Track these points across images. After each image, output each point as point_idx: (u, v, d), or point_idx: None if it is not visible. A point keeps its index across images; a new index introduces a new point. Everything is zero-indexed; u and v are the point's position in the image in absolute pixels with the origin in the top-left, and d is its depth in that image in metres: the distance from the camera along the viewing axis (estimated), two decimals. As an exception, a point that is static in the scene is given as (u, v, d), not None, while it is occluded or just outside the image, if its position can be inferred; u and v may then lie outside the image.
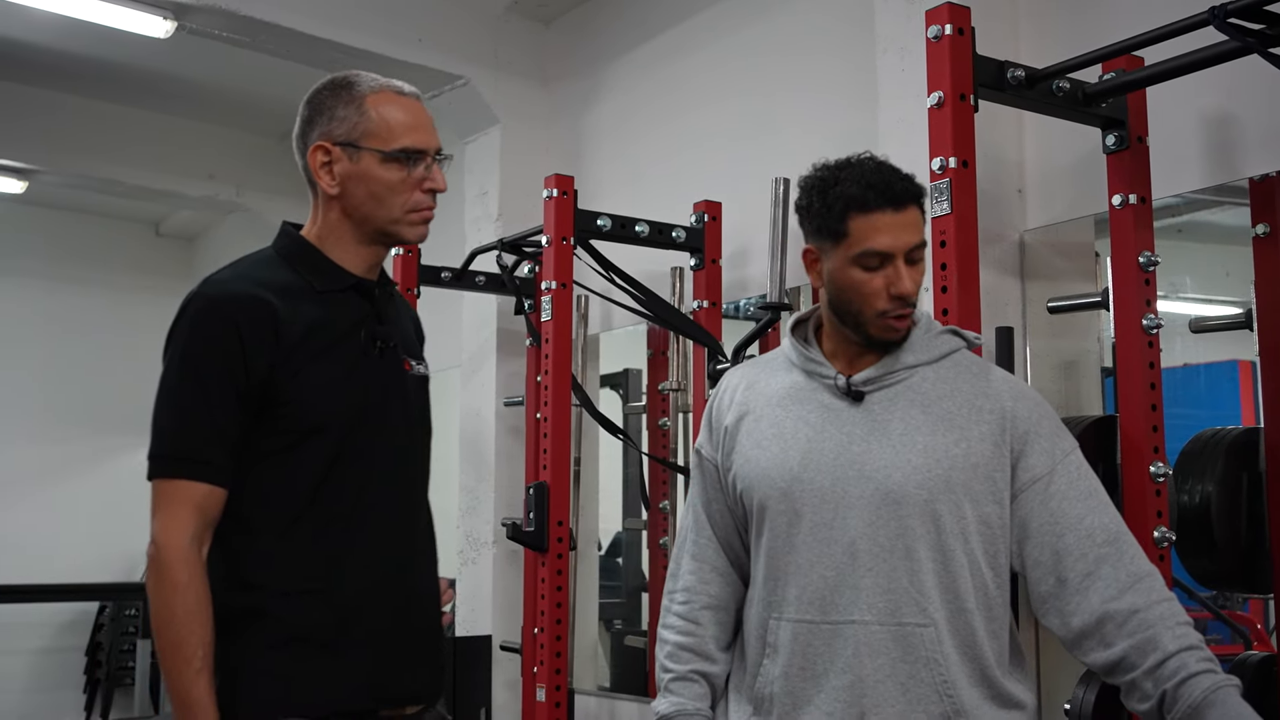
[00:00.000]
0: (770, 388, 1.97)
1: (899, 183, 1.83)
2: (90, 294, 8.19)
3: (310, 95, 1.93)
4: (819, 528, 1.83)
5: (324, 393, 1.81)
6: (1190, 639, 1.74)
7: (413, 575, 1.92)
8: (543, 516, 3.51)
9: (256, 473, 1.79)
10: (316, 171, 1.88)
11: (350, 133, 1.86)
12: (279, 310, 1.79)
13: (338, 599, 1.80)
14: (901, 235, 1.82)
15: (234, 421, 1.77)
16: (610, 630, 4.90)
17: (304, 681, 1.76)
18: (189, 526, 1.74)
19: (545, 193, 3.63)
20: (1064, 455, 1.87)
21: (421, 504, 1.97)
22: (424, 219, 1.92)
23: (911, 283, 1.83)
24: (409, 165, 1.87)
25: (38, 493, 7.81)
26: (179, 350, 1.80)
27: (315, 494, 1.80)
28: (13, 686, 7.67)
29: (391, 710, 1.84)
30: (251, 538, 1.79)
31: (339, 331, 1.86)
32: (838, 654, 1.79)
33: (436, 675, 1.95)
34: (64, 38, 5.38)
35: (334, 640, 1.78)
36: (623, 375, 4.94)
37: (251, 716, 1.74)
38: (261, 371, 1.77)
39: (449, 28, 4.79)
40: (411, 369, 1.97)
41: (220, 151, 6.63)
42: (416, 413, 1.97)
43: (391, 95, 1.90)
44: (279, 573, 1.79)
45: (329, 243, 1.90)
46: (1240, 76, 2.52)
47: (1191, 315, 3.25)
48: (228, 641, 1.75)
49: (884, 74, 3.23)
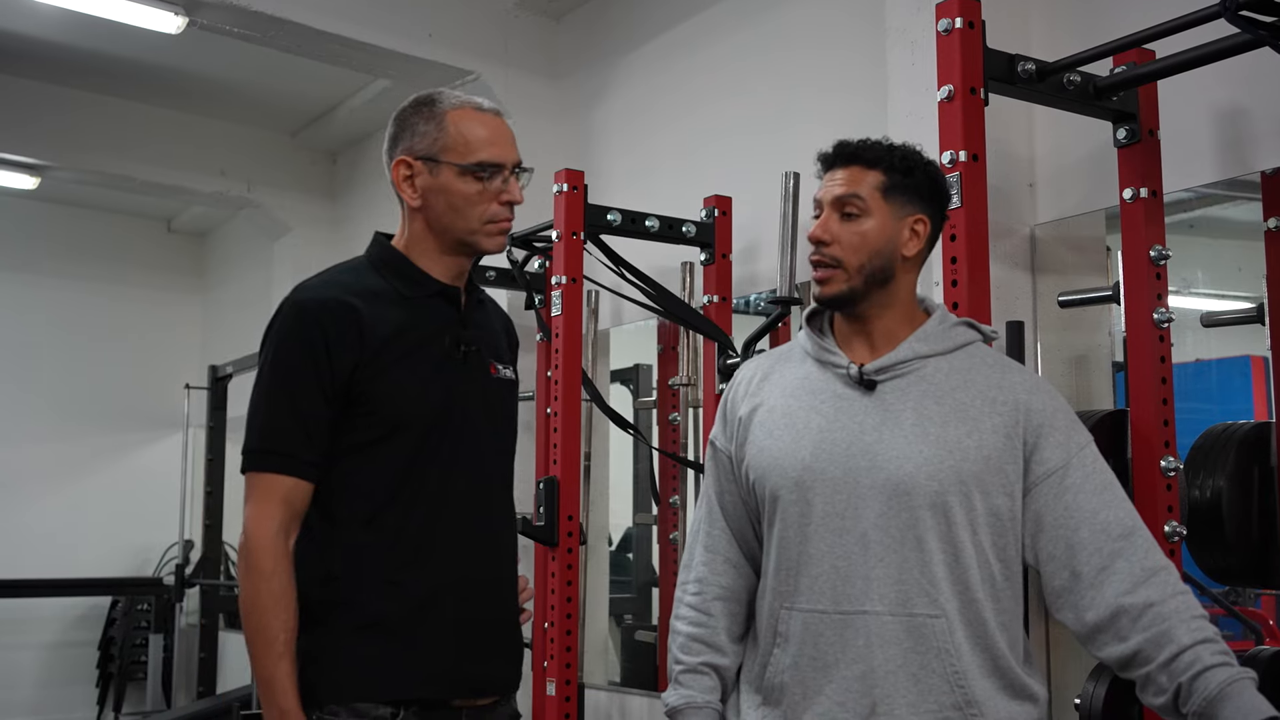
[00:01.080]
0: (784, 378, 1.97)
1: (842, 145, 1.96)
2: (102, 290, 8.22)
3: (397, 113, 2.02)
4: (831, 518, 1.83)
5: (407, 393, 1.90)
6: (1205, 632, 1.73)
7: (492, 569, 1.99)
8: (553, 511, 3.52)
9: (342, 468, 1.89)
10: (399, 184, 1.98)
11: (430, 148, 1.95)
12: (363, 314, 1.89)
13: (416, 590, 1.87)
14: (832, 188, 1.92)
15: (320, 419, 1.86)
16: (620, 625, 4.91)
17: (381, 668, 1.84)
18: (276, 517, 1.83)
19: (555, 188, 3.63)
20: (1079, 449, 1.87)
21: (503, 500, 2.06)
22: (501, 230, 2.02)
23: (821, 229, 1.91)
24: (486, 179, 1.97)
25: (50, 488, 7.83)
26: (270, 353, 1.91)
27: (397, 489, 1.89)
28: (26, 680, 7.71)
29: (465, 700, 1.91)
30: (336, 530, 1.88)
31: (423, 335, 1.94)
32: (849, 644, 1.79)
33: (512, 668, 2.02)
34: (75, 34, 5.39)
35: (411, 630, 1.86)
36: (633, 370, 4.95)
37: (329, 699, 1.82)
38: (346, 372, 1.86)
39: (459, 23, 4.80)
40: (498, 373, 2.06)
41: (231, 147, 6.65)
42: (501, 414, 2.06)
43: (471, 112, 1.99)
44: (361, 564, 1.86)
45: (415, 252, 2.00)
46: (1252, 69, 2.51)
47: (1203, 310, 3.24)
48: (312, 628, 1.83)
49: (894, 67, 3.22)
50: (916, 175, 1.92)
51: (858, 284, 1.89)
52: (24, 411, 7.82)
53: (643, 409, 4.83)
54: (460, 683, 1.90)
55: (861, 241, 1.89)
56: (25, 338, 7.91)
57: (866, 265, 1.89)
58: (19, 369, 7.86)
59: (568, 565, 3.51)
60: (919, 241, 1.92)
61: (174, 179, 6.59)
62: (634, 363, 4.94)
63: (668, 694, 1.99)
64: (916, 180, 1.92)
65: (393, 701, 1.84)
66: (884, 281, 1.91)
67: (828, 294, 1.91)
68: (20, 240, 7.92)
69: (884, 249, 1.90)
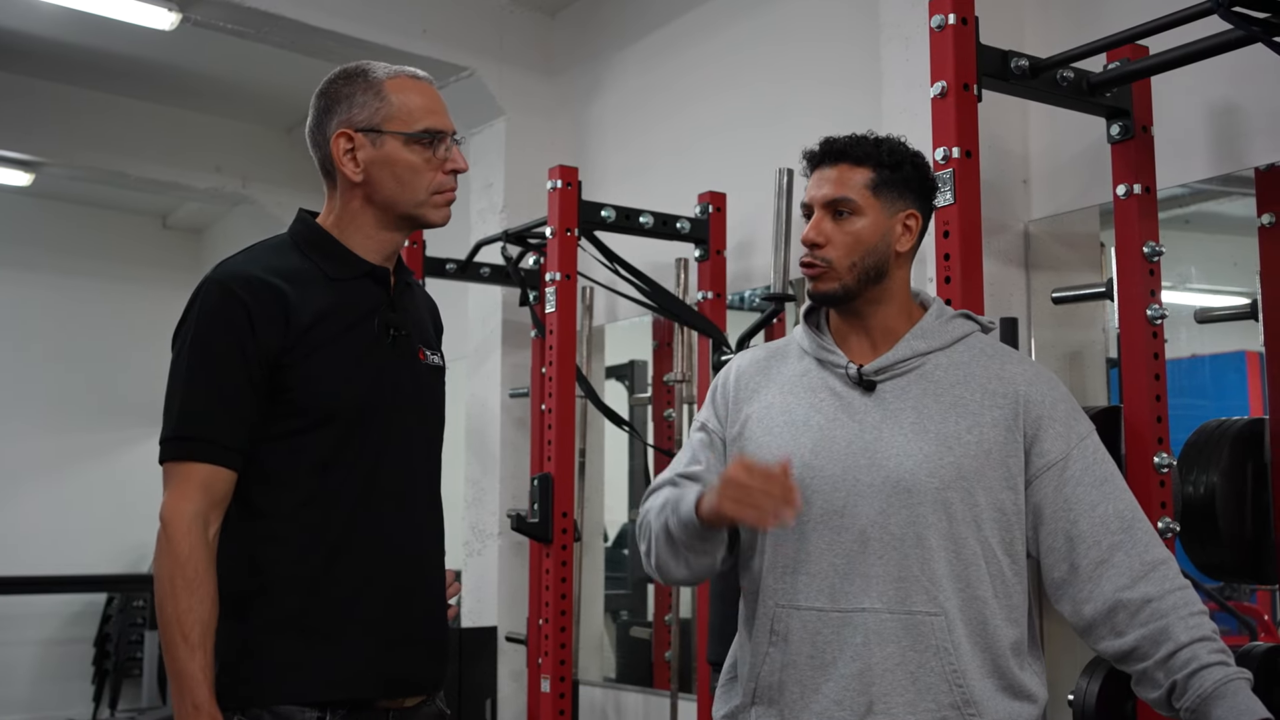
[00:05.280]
0: (782, 374, 1.96)
1: (828, 143, 1.94)
2: (97, 286, 8.20)
3: (323, 87, 1.93)
4: (830, 515, 1.82)
5: (333, 379, 1.81)
6: (1203, 629, 1.73)
7: (418, 565, 1.91)
8: (548, 508, 3.52)
9: (264, 456, 1.80)
10: (339, 159, 1.88)
11: (372, 118, 1.87)
12: (289, 295, 1.80)
13: (340, 586, 1.79)
14: (822, 188, 1.91)
15: (243, 403, 1.77)
16: (615, 621, 4.92)
17: (302, 669, 1.76)
18: (193, 503, 1.75)
19: (550, 184, 3.63)
20: (1079, 440, 1.86)
21: (430, 493, 1.97)
22: (447, 200, 1.93)
23: (815, 231, 1.89)
24: (431, 147, 1.89)
25: (46, 485, 7.83)
26: (189, 334, 1.81)
27: (322, 480, 1.80)
28: (22, 677, 7.70)
29: (390, 701, 1.84)
30: (258, 521, 1.80)
31: (350, 318, 1.85)
32: (847, 642, 1.78)
33: (438, 667, 1.93)
34: (70, 30, 5.38)
35: (335, 627, 1.78)
36: (628, 367, 4.95)
37: (251, 702, 1.75)
38: (270, 355, 1.77)
39: (454, 19, 4.79)
40: (425, 358, 1.96)
41: (227, 144, 6.63)
42: (429, 402, 1.97)
43: (408, 80, 1.91)
44: (283, 557, 1.79)
45: (346, 230, 1.90)
46: (1245, 65, 2.52)
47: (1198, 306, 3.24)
48: (233, 623, 1.75)
49: (888, 63, 3.22)
50: (905, 169, 1.91)
51: (850, 281, 1.88)
52: (18, 407, 7.81)
53: (637, 405, 4.84)
54: (387, 683, 1.82)
55: (855, 241, 1.88)
56: (20, 334, 7.89)
57: (859, 264, 1.88)
58: (14, 365, 7.85)
59: (562, 562, 3.51)
60: (911, 236, 1.92)
61: (169, 175, 6.58)
62: (629, 359, 4.94)
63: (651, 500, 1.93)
64: (905, 174, 1.91)
65: (317, 704, 1.75)
66: (878, 278, 1.90)
67: (820, 290, 1.91)
68: (15, 237, 7.90)
69: (877, 246, 1.89)
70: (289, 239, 1.92)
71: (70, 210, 8.10)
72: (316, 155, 1.92)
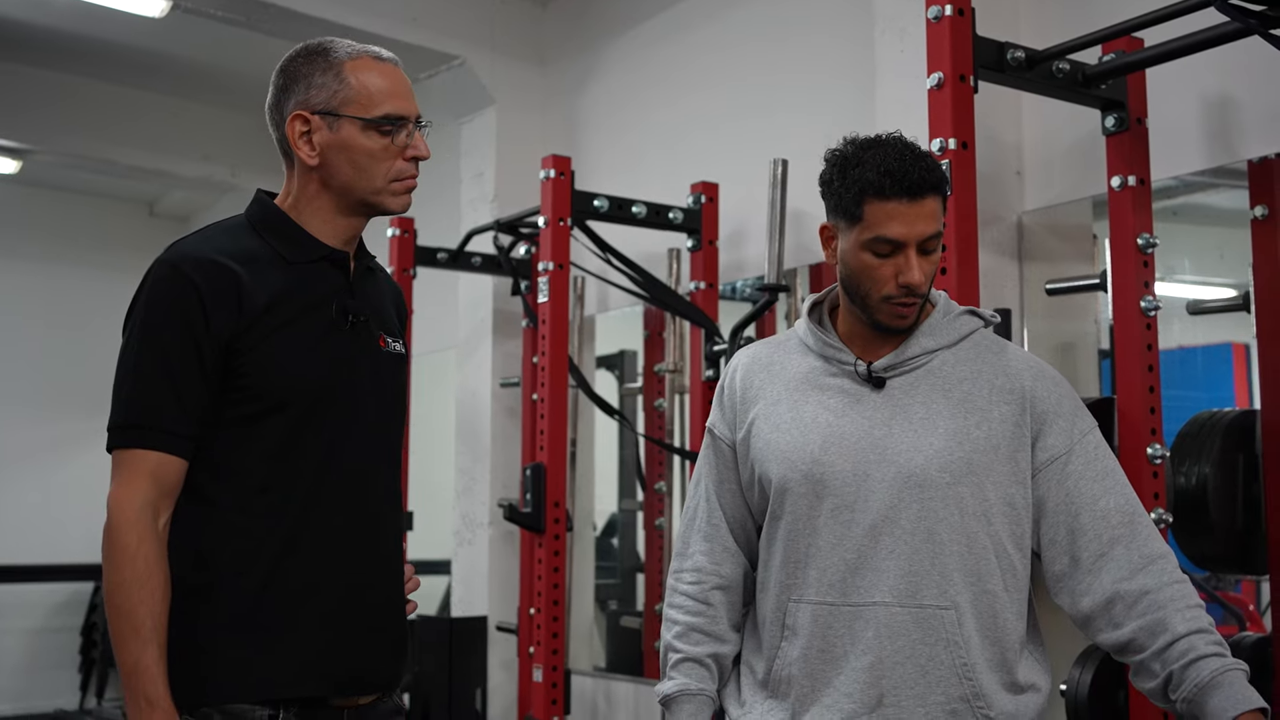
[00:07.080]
0: (787, 371, 1.94)
1: (918, 171, 1.79)
2: (84, 274, 8.15)
3: (284, 63, 1.86)
4: (841, 510, 1.82)
5: (288, 365, 1.75)
6: (1200, 622, 1.74)
7: (375, 558, 1.83)
8: (539, 497, 3.52)
9: (216, 445, 1.73)
10: (295, 142, 1.82)
11: (329, 101, 1.80)
12: (242, 278, 1.73)
13: (293, 580, 1.73)
14: (915, 225, 1.79)
15: (194, 389, 1.70)
16: (606, 611, 4.92)
17: (254, 666, 1.70)
18: (141, 493, 1.68)
19: (542, 174, 3.62)
20: (1082, 435, 1.87)
21: (389, 485, 1.89)
22: (407, 188, 1.85)
23: (921, 273, 1.80)
24: (391, 133, 1.81)
25: (32, 473, 7.80)
26: (139, 317, 1.74)
27: (276, 470, 1.74)
28: (8, 666, 7.68)
29: (345, 699, 1.77)
30: (209, 511, 1.73)
31: (307, 303, 1.78)
32: (858, 636, 1.79)
33: (395, 664, 1.86)
34: (58, 17, 5.35)
35: (288, 623, 1.72)
36: (619, 356, 4.95)
37: (201, 701, 1.68)
38: (222, 339, 1.71)
39: (444, 8, 4.78)
40: (386, 346, 1.88)
41: (215, 132, 6.60)
42: (389, 391, 1.89)
43: (370, 61, 1.83)
44: (234, 549, 1.72)
45: (305, 213, 1.84)
46: (1240, 58, 2.52)
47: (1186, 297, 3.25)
48: (183, 618, 1.69)
49: (883, 55, 3.22)
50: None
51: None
52: (5, 395, 7.78)
53: (629, 395, 4.83)
54: (341, 681, 1.75)
55: (935, 271, 1.86)
56: (6, 321, 7.85)
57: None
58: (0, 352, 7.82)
59: (554, 552, 3.51)
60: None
61: (157, 163, 6.56)
62: (620, 349, 4.93)
63: (662, 683, 1.95)
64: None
65: (270, 701, 1.69)
66: None
67: (906, 325, 1.86)
68: (2, 224, 7.86)
69: None
70: (245, 220, 1.85)
71: (57, 198, 8.05)
72: (275, 135, 1.87)
